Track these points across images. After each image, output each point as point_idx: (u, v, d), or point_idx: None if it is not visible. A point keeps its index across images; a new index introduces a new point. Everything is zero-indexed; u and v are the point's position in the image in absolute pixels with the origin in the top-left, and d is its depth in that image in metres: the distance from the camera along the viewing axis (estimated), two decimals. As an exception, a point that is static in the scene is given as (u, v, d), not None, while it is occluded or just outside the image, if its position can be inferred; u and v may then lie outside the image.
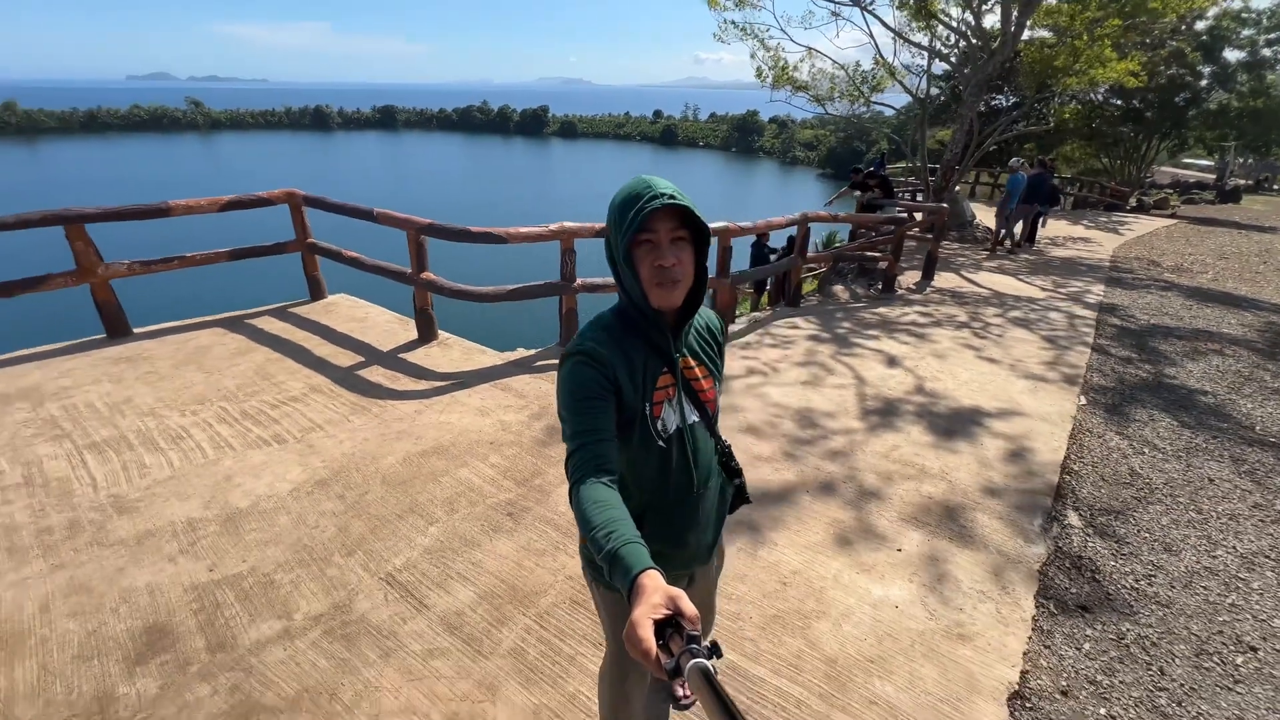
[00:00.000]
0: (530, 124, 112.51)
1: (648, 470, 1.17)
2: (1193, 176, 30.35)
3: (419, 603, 2.29)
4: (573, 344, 1.11)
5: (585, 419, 1.04)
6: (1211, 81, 20.89)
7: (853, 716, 1.90)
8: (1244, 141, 22.69)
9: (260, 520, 2.70)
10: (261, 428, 3.42)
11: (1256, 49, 20.55)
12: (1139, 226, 14.72)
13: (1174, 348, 5.73)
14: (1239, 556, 2.82)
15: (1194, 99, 20.79)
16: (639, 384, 1.12)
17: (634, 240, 1.05)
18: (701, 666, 0.66)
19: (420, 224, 4.17)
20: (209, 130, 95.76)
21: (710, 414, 1.24)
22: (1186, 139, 23.52)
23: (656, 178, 1.05)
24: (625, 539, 0.87)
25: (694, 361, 1.22)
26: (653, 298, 1.08)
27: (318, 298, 5.42)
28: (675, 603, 0.75)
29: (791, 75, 13.15)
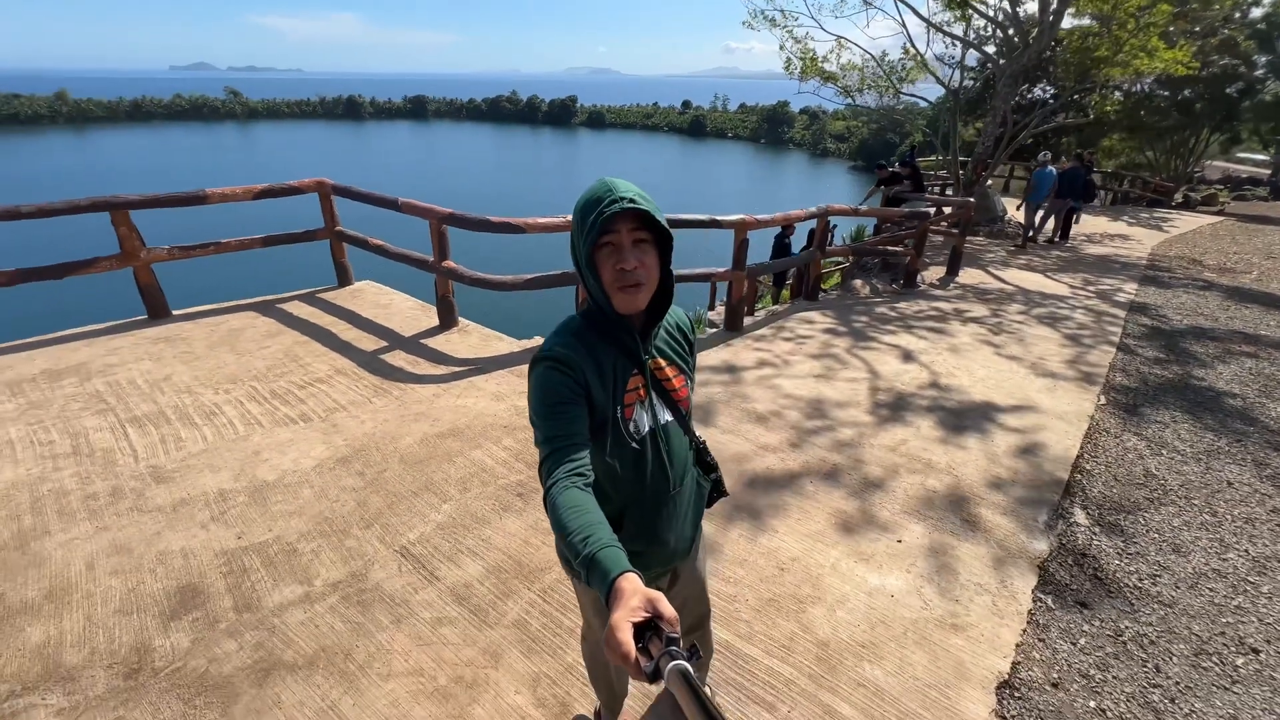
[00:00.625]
0: (558, 114, 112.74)
1: (623, 472, 1.18)
2: (1245, 172, 29.00)
3: (430, 574, 2.41)
4: (541, 349, 1.12)
5: (557, 424, 1.05)
6: (1268, 71, 19.89)
7: (840, 697, 1.96)
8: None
9: (285, 493, 2.86)
10: (289, 407, 3.59)
11: (1318, 37, 19.49)
12: (1183, 223, 14.18)
13: (1205, 349, 5.57)
14: (1251, 560, 2.78)
15: (1248, 90, 19.83)
16: (609, 387, 1.13)
17: (595, 244, 1.05)
18: (681, 668, 0.67)
19: (442, 213, 4.29)
20: (247, 119, 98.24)
21: (683, 412, 1.26)
22: (1239, 132, 22.47)
23: (619, 180, 1.05)
24: (602, 543, 0.88)
25: (664, 361, 1.22)
26: (615, 302, 1.08)
27: (345, 284, 5.61)
28: (654, 605, 0.76)
29: (820, 66, 12.96)
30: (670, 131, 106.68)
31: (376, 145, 70.66)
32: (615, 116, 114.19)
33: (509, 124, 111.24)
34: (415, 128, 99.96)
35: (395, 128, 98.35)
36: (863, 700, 1.96)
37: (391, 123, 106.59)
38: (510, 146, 76.53)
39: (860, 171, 63.39)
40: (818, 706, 1.93)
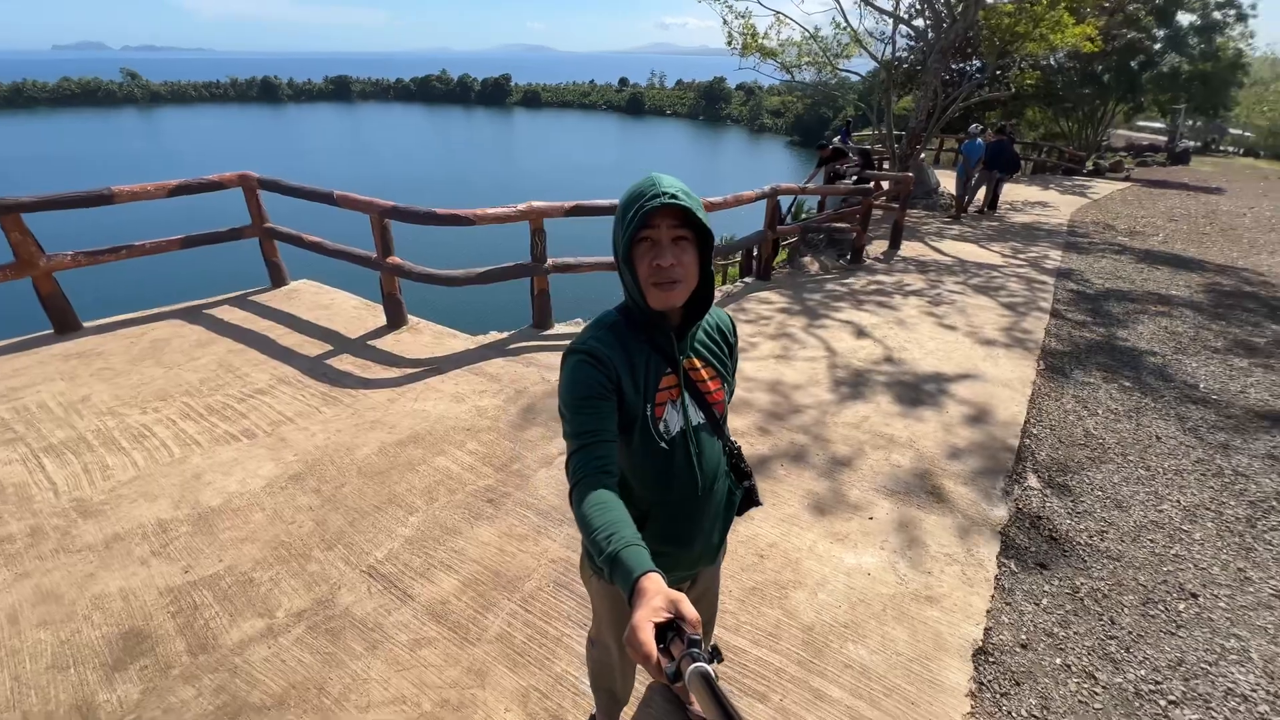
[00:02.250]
0: (492, 93, 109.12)
1: (651, 471, 1.17)
2: (1146, 139, 31.10)
3: (403, 593, 2.30)
4: (575, 341, 1.11)
5: (586, 419, 1.04)
6: (1165, 45, 21.33)
7: (829, 681, 2.00)
8: (1194, 104, 23.33)
9: (234, 518, 2.66)
10: (229, 423, 3.34)
11: (1208, 12, 21.02)
12: (1095, 190, 15.12)
13: (1125, 310, 5.97)
14: (1182, 509, 3.01)
15: (1148, 62, 21.23)
16: (640, 385, 1.11)
17: (634, 239, 1.03)
18: (702, 670, 0.66)
19: (383, 207, 4.04)
20: (148, 104, 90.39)
21: (718, 416, 1.22)
22: (1141, 102, 24.08)
23: (664, 176, 1.03)
24: (626, 541, 0.87)
25: (700, 363, 1.19)
26: (650, 298, 1.06)
27: (279, 284, 5.25)
28: (676, 606, 0.75)
29: (761, 42, 12.99)
30: (608, 109, 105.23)
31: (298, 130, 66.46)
32: (551, 95, 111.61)
33: (441, 104, 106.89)
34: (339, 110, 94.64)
35: (317, 110, 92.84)
36: (850, 681, 2.00)
37: (313, 105, 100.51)
38: (444, 128, 73.57)
39: (798, 147, 64.44)
40: (808, 692, 1.96)
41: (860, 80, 16.25)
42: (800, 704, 1.92)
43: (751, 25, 13.11)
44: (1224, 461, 3.43)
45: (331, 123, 75.80)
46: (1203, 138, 33.80)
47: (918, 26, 13.59)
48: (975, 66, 16.85)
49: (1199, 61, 21.02)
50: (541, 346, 4.35)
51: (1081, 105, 23.05)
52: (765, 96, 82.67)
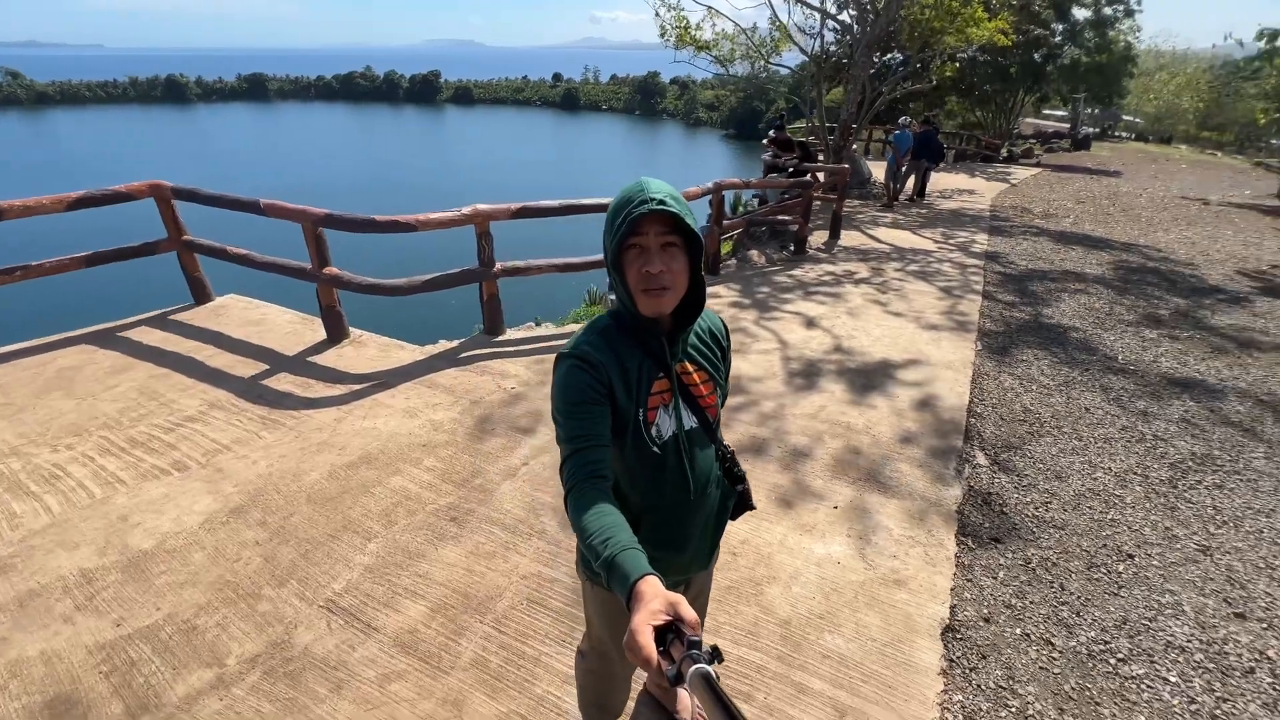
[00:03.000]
0: (422, 91, 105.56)
1: (643, 476, 1.17)
2: (1051, 127, 33.35)
3: (367, 626, 2.18)
4: (567, 346, 1.11)
5: (579, 424, 1.04)
6: (1064, 39, 22.87)
7: (810, 674, 2.03)
8: (1092, 94, 25.15)
9: (170, 560, 2.45)
10: (156, 456, 3.08)
11: (1099, 7, 22.67)
12: (1012, 176, 16.07)
13: (1048, 289, 6.37)
14: (1114, 476, 3.23)
15: (1050, 55, 22.72)
16: (633, 389, 1.12)
17: (623, 245, 1.03)
18: (703, 671, 0.66)
19: (317, 215, 3.81)
20: (34, 105, 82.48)
21: (710, 420, 1.23)
22: (1046, 93, 25.75)
23: (653, 180, 1.04)
24: (622, 545, 0.88)
25: (692, 367, 1.20)
26: (640, 304, 1.06)
27: (203, 301, 4.88)
28: (675, 608, 0.75)
29: (694, 36, 13.08)
30: (543, 105, 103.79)
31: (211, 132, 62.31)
32: (484, 91, 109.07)
33: (366, 103, 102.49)
34: (256, 110, 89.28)
35: (231, 111, 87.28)
36: (830, 672, 2.04)
37: (225, 105, 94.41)
38: (372, 128, 70.69)
39: (734, 140, 65.50)
40: (790, 687, 1.98)
41: (790, 73, 16.67)
42: (784, 700, 1.94)
43: (684, 19, 13.19)
44: (1145, 428, 3.71)
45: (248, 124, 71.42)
46: (1100, 124, 36.57)
47: (843, 20, 14.02)
48: (899, 60, 17.57)
49: (1095, 54, 22.65)
50: (495, 354, 4.23)
51: (995, 96, 24.43)
52: (699, 90, 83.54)
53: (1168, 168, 20.58)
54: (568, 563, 2.47)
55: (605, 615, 1.37)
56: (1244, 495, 3.11)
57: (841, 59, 16.05)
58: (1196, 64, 42.21)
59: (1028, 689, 2.06)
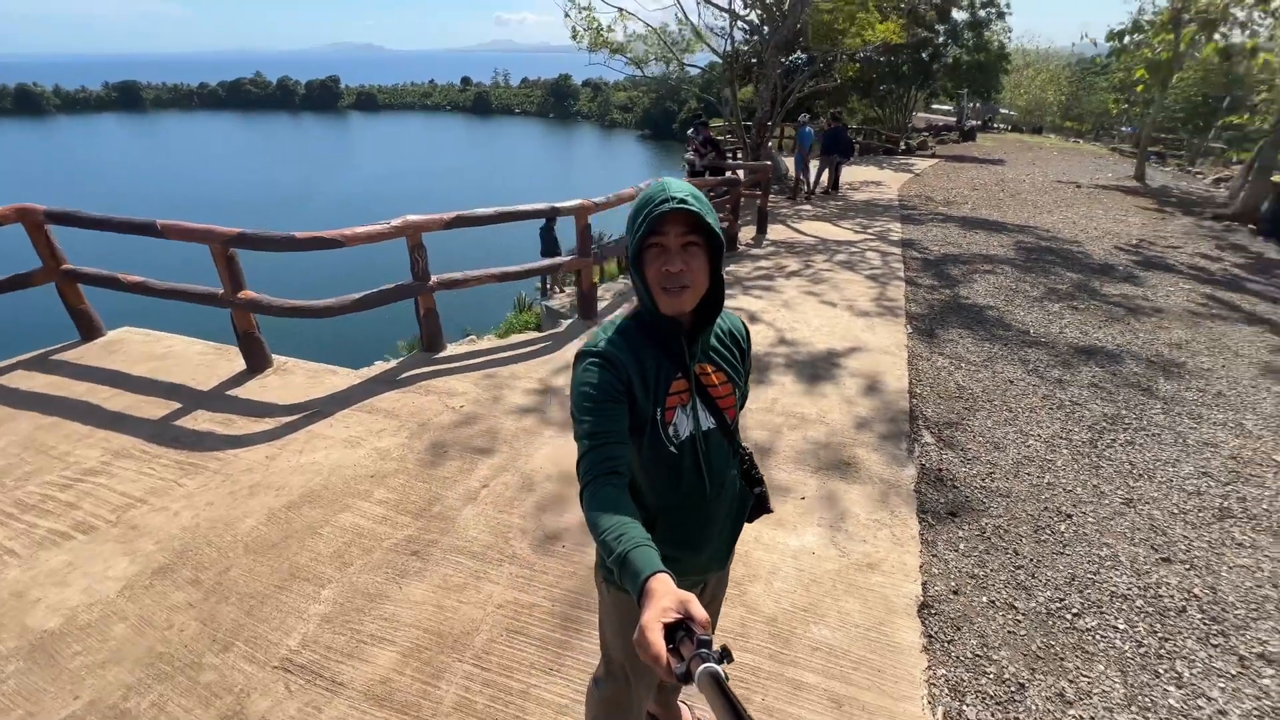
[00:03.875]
0: (321, 97, 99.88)
1: (659, 475, 1.17)
2: (940, 121, 35.97)
3: (331, 682, 1.99)
4: (587, 344, 1.13)
5: (596, 421, 1.04)
6: (947, 39, 24.74)
7: (802, 668, 2.04)
8: (973, 89, 27.37)
9: (84, 638, 2.14)
10: (52, 518, 2.69)
11: (975, 10, 24.69)
12: (914, 167, 17.16)
13: (960, 271, 6.82)
14: (1044, 442, 3.48)
15: (936, 55, 24.51)
16: (650, 389, 1.12)
17: (643, 244, 1.04)
18: (712, 671, 0.66)
19: (226, 234, 3.47)
20: None
21: (729, 421, 1.22)
22: (935, 89, 27.79)
23: (673, 180, 1.05)
24: (635, 542, 0.88)
25: (711, 368, 1.20)
26: (660, 303, 1.08)
27: (92, 337, 4.34)
28: (686, 606, 0.75)
29: (607, 38, 13.08)
30: (453, 110, 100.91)
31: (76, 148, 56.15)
32: (389, 97, 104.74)
33: (259, 111, 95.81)
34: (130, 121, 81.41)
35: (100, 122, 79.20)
36: (821, 664, 2.06)
37: (94, 116, 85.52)
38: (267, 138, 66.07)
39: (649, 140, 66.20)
40: (786, 684, 1.99)
41: (701, 73, 17.02)
42: (783, 699, 1.94)
43: (596, 20, 13.17)
44: (1062, 394, 4.03)
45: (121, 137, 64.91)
46: (981, 117, 39.89)
47: (751, 21, 14.46)
48: (804, 59, 18.36)
49: (974, 53, 24.65)
50: (437, 372, 4.02)
51: (890, 94, 26.06)
52: (612, 92, 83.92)
53: (1042, 155, 22.67)
54: (544, 585, 2.36)
55: (624, 629, 1.30)
56: (1152, 449, 3.44)
57: (751, 58, 16.59)
58: (1058, 61, 46.82)
59: (1000, 654, 2.16)
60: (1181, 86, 27.75)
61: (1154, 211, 11.51)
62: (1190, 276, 6.99)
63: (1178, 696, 2.03)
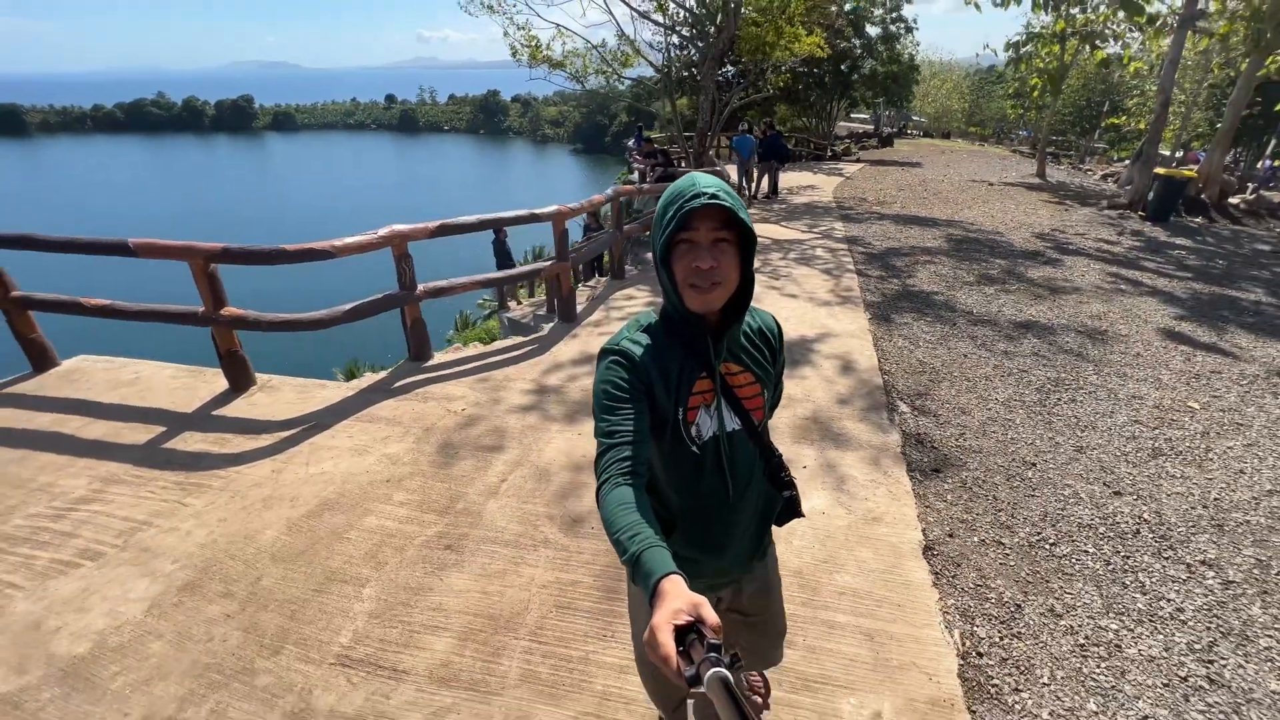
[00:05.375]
0: (232, 117, 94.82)
1: (680, 476, 1.15)
2: (860, 128, 38.16)
3: (393, 671, 2.03)
4: (610, 341, 1.11)
5: (614, 419, 1.03)
6: (863, 52, 26.39)
7: (834, 610, 2.25)
8: (888, 98, 29.24)
9: (121, 659, 2.08)
10: (51, 549, 2.57)
11: (886, 25, 26.48)
12: (843, 171, 18.17)
13: (903, 263, 7.36)
14: (1001, 404, 3.88)
15: (854, 66, 26.08)
16: (673, 388, 1.09)
17: (673, 240, 1.02)
18: (721, 675, 0.65)
19: (209, 250, 3.38)
20: None
21: (755, 423, 1.19)
22: (854, 98, 29.48)
23: (703, 175, 1.03)
24: (648, 542, 0.87)
25: (738, 367, 1.16)
26: (687, 299, 1.04)
27: (45, 368, 4.08)
28: (697, 610, 0.74)
29: (546, 54, 13.24)
30: (379, 129, 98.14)
31: (-50, 177, 51.09)
32: (308, 116, 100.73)
33: (163, 134, 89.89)
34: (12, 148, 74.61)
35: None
36: (849, 605, 2.27)
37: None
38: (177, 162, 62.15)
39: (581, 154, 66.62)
40: (821, 625, 2.19)
41: (632, 85, 17.44)
42: (820, 638, 2.14)
43: (534, 37, 13.32)
44: (1010, 364, 4.48)
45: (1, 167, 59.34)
46: (896, 125, 42.63)
47: (686, 35, 15.00)
48: (735, 72, 19.14)
49: (888, 64, 26.38)
50: (430, 379, 4.03)
51: (816, 103, 27.47)
52: (542, 107, 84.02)
53: (954, 157, 24.45)
54: (582, 564, 2.48)
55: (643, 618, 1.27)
56: (1090, 404, 3.90)
57: (684, 71, 17.17)
58: (960, 72, 50.66)
59: (996, 582, 2.45)
60: (1069, 93, 30.72)
61: (1057, 205, 12.70)
62: (1097, 258, 7.82)
63: (1144, 601, 2.37)
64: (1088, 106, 34.72)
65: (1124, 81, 29.51)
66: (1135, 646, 2.17)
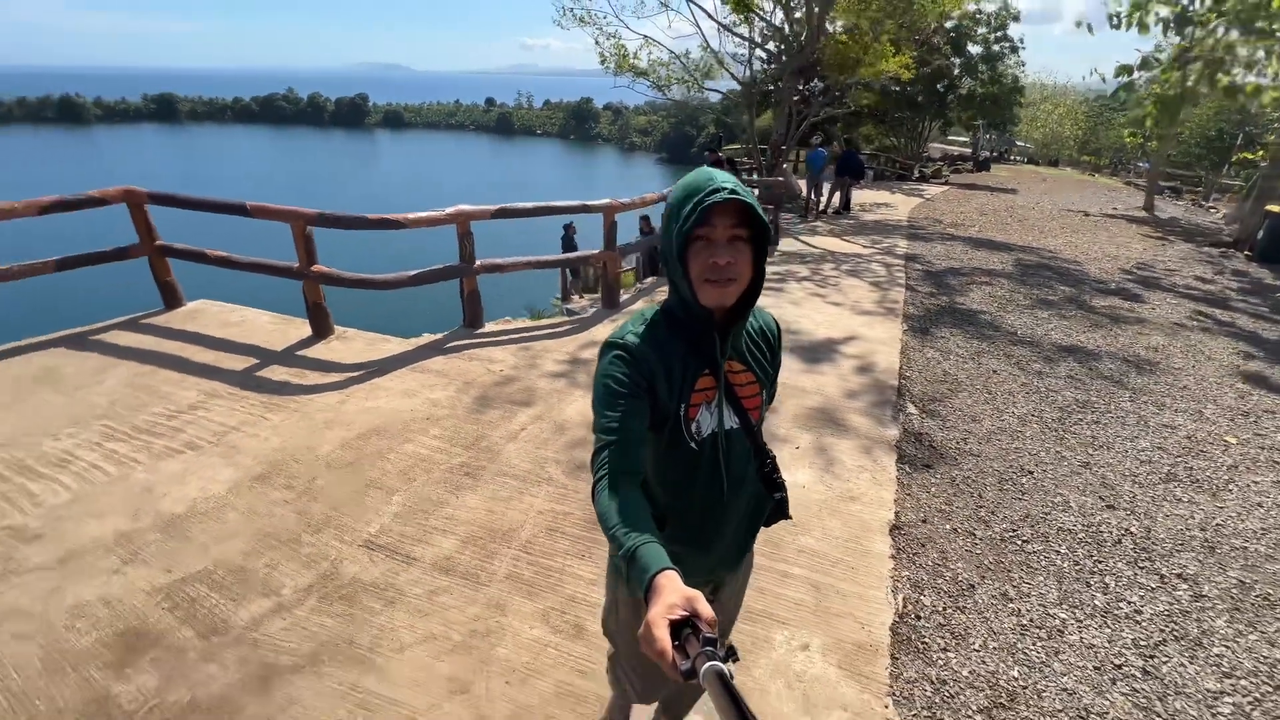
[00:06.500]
0: (349, 114, 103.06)
1: (675, 471, 1.15)
2: (956, 150, 36.61)
3: (406, 557, 2.46)
4: (613, 335, 1.10)
5: (614, 416, 1.02)
6: (961, 71, 25.43)
7: (790, 564, 2.48)
8: (988, 120, 27.92)
9: (205, 521, 2.63)
10: (165, 439, 3.21)
11: (989, 45, 25.40)
12: (924, 192, 17.68)
13: (959, 282, 7.26)
14: (1017, 418, 3.90)
15: (950, 86, 25.18)
16: (675, 384, 1.08)
17: (690, 236, 1.00)
18: (717, 669, 0.66)
19: (308, 215, 4.04)
20: (-100, 127, 74.81)
21: (753, 422, 1.18)
22: (949, 119, 28.42)
23: (717, 171, 1.01)
24: (644, 538, 0.87)
25: (740, 366, 1.16)
26: (702, 295, 1.03)
27: (174, 306, 4.91)
28: (692, 604, 0.75)
29: (632, 62, 13.83)
30: (477, 130, 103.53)
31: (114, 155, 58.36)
32: (415, 116, 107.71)
33: (289, 126, 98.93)
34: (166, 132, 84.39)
35: (137, 133, 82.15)
36: (806, 562, 2.50)
37: (131, 127, 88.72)
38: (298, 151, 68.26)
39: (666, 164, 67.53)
40: (775, 574, 2.43)
41: (722, 99, 17.76)
42: (773, 583, 2.38)
43: (622, 46, 13.94)
44: (1040, 384, 4.45)
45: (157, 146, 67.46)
46: (997, 149, 40.45)
47: (770, 50, 15.19)
48: (820, 87, 19.09)
49: (988, 85, 25.28)
50: (478, 343, 4.53)
51: (905, 122, 26.72)
52: (632, 116, 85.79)
53: (1055, 186, 23.10)
54: (576, 501, 2.83)
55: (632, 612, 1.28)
56: (1114, 428, 3.85)
57: (768, 86, 17.33)
58: (1074, 96, 47.43)
59: (956, 565, 2.59)
60: (1197, 123, 28.17)
61: (1156, 239, 11.88)
62: (1182, 295, 7.37)
63: (1103, 599, 2.44)
64: (1218, 138, 31.66)
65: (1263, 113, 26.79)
66: (1079, 634, 2.27)
